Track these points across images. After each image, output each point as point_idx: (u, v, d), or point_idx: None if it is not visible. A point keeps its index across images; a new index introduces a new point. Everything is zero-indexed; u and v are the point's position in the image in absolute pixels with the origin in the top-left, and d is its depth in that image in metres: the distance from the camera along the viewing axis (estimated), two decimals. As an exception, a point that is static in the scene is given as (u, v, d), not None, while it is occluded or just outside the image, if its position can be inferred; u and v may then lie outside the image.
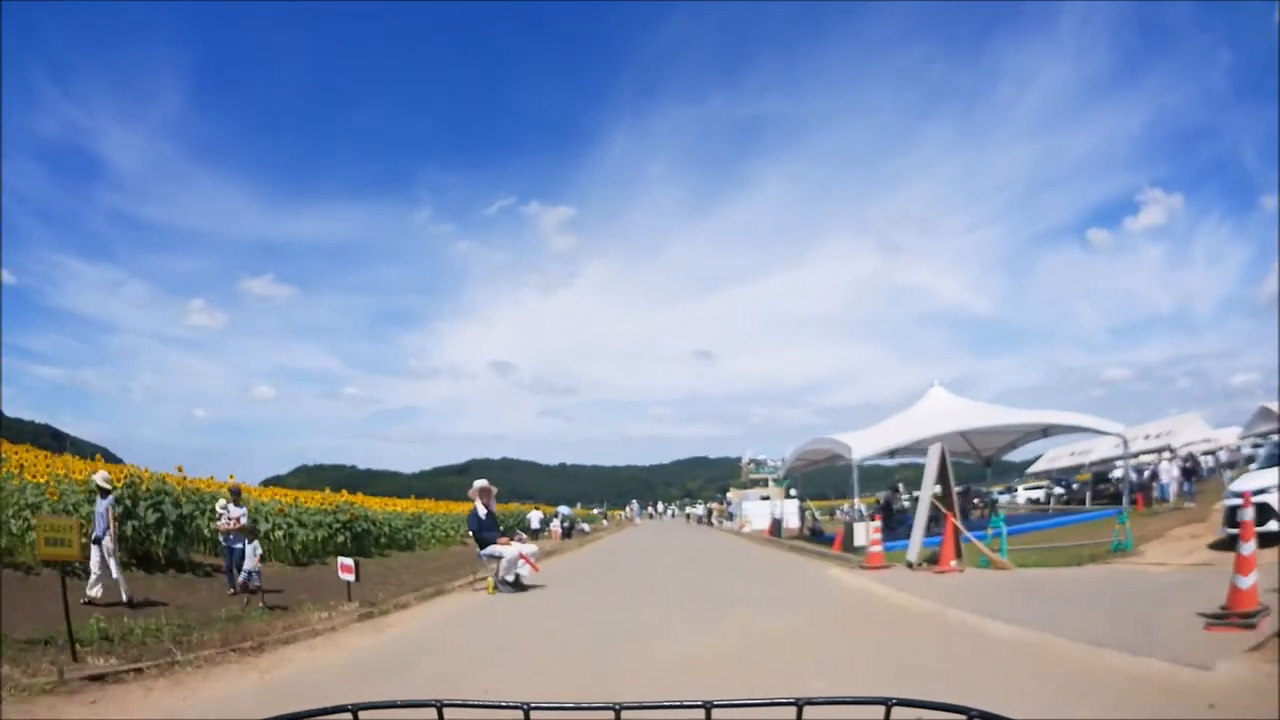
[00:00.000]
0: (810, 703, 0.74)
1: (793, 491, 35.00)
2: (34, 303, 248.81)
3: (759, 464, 40.51)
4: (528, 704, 0.72)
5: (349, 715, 0.72)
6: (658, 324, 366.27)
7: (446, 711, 0.77)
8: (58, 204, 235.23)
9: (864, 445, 16.77)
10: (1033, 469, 38.41)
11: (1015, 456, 27.48)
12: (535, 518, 29.75)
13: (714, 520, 40.06)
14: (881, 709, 0.75)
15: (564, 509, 31.74)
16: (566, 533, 28.75)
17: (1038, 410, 18.89)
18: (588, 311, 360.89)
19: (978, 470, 26.57)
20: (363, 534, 15.38)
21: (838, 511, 41.21)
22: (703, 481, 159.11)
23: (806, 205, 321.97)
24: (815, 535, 21.70)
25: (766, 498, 32.70)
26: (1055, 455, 35.38)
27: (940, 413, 17.75)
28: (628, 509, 68.80)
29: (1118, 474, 25.09)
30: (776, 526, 23.55)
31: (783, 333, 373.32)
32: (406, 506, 22.01)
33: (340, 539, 14.36)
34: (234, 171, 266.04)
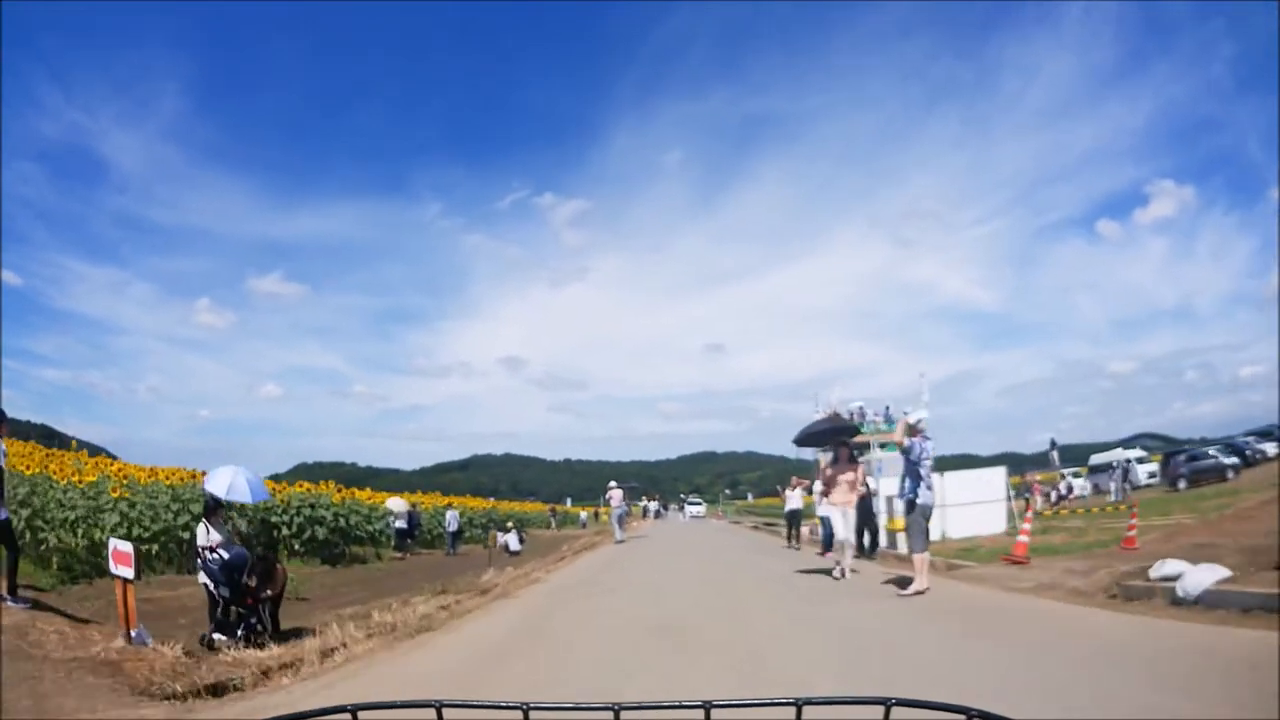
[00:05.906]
0: (809, 702, 0.71)
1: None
2: (38, 305, 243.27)
3: (864, 417, 20.85)
4: (527, 704, 0.70)
5: (348, 715, 0.70)
6: (669, 318, 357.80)
7: (446, 711, 0.74)
8: (61, 207, 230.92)
9: None
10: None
11: None
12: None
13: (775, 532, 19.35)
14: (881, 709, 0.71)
15: (398, 503, 14.94)
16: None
17: None
18: (600, 306, 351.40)
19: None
20: None
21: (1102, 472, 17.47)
22: (710, 477, 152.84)
23: (813, 200, 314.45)
24: None
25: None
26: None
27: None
28: (607, 497, 23.07)
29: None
30: None
31: (791, 327, 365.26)
32: None
33: None
34: (239, 171, 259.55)
